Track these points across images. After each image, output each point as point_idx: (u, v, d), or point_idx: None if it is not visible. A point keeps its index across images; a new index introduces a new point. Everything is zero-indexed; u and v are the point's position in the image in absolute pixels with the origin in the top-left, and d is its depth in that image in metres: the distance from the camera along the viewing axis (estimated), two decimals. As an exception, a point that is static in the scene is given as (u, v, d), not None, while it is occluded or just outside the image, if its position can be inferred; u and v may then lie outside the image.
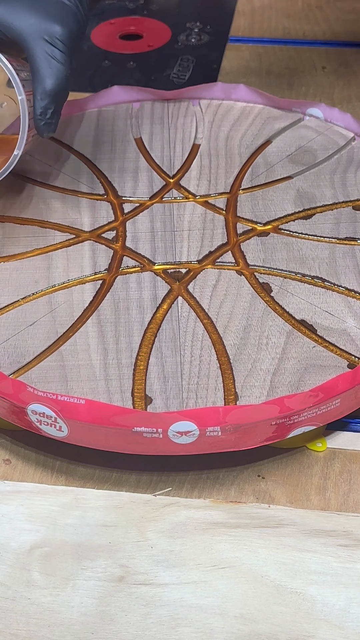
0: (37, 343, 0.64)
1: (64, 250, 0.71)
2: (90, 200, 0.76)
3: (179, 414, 0.56)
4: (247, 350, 0.63)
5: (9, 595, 0.53)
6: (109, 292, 0.68)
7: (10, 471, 0.60)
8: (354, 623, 0.52)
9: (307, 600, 0.53)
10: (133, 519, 0.57)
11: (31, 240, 0.72)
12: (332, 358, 0.63)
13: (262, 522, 0.56)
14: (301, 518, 0.57)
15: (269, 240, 0.72)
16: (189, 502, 0.58)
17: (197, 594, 0.53)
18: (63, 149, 0.80)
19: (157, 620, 0.52)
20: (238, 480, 0.59)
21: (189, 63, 0.95)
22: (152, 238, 0.72)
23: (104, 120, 0.83)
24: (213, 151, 0.80)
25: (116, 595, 0.53)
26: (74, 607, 0.53)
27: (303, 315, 0.66)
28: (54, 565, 0.54)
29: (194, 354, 0.63)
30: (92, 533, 0.56)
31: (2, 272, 0.70)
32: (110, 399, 0.61)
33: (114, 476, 0.60)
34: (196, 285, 0.68)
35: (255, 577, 0.54)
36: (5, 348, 0.64)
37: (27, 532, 0.56)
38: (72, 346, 0.64)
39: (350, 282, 0.68)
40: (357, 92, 0.91)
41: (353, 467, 0.60)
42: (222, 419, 0.56)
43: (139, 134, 0.82)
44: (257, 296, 0.67)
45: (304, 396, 0.57)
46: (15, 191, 0.76)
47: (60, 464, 0.60)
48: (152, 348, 0.64)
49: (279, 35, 1.00)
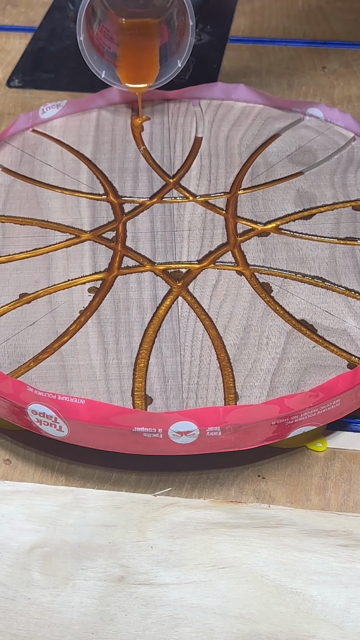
0: (37, 343, 0.64)
1: (64, 250, 0.71)
2: (90, 200, 0.76)
3: (179, 414, 0.56)
4: (247, 350, 0.63)
5: (9, 595, 0.53)
6: (109, 292, 0.68)
7: (10, 471, 0.60)
8: (354, 623, 0.52)
9: (307, 600, 0.53)
10: (133, 519, 0.57)
11: (31, 240, 0.72)
12: (332, 358, 0.63)
13: (262, 522, 0.56)
14: (301, 518, 0.57)
15: (269, 240, 0.72)
16: (189, 502, 0.58)
17: (197, 594, 0.53)
18: (63, 149, 0.80)
19: (157, 620, 0.52)
20: (238, 480, 0.59)
21: (189, 63, 0.95)
22: (152, 238, 0.72)
23: (104, 120, 0.83)
24: (213, 151, 0.80)
25: (116, 595, 0.53)
26: (74, 607, 0.53)
27: (303, 315, 0.66)
28: (54, 565, 0.54)
29: (194, 354, 0.63)
30: (92, 533, 0.56)
31: (2, 272, 0.70)
32: (110, 399, 0.61)
33: (114, 476, 0.60)
34: (196, 285, 0.68)
35: (256, 577, 0.54)
36: (5, 348, 0.64)
37: (27, 532, 0.56)
38: (72, 346, 0.64)
39: (350, 282, 0.68)
40: (357, 92, 0.91)
41: (353, 467, 0.60)
42: (222, 419, 0.56)
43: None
44: (257, 296, 0.67)
45: (304, 396, 0.57)
46: (15, 191, 0.76)
47: (60, 464, 0.60)
48: (152, 348, 0.64)
49: (279, 35, 1.00)
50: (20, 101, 0.90)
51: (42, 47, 0.97)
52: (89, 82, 0.93)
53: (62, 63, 0.95)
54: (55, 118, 0.83)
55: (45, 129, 0.82)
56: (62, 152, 0.80)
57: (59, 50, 0.97)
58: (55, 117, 0.83)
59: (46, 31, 1.00)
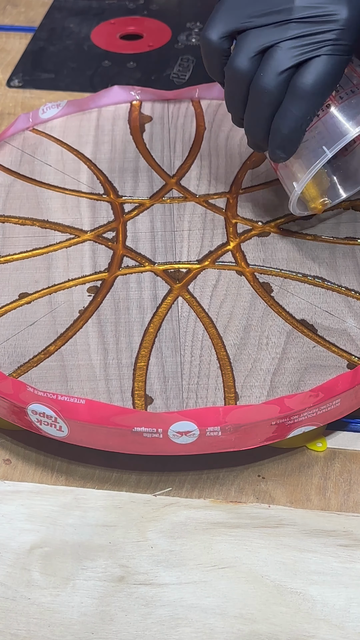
0: (37, 343, 0.64)
1: (64, 250, 0.71)
2: (90, 200, 0.76)
3: (179, 414, 0.56)
4: (247, 350, 0.63)
5: (9, 595, 0.53)
6: (109, 292, 0.68)
7: (10, 471, 0.60)
8: (354, 623, 0.52)
9: (307, 600, 0.53)
10: (133, 519, 0.57)
11: (31, 240, 0.72)
12: (332, 358, 0.63)
13: (262, 522, 0.56)
14: (301, 518, 0.57)
15: (269, 240, 0.72)
16: (189, 502, 0.58)
17: (197, 594, 0.53)
18: (63, 149, 0.80)
19: (157, 620, 0.52)
20: (238, 480, 0.59)
21: (189, 63, 0.95)
22: (152, 238, 0.72)
23: (104, 120, 0.83)
24: (213, 151, 0.80)
25: (116, 595, 0.53)
26: (74, 607, 0.53)
27: (303, 315, 0.66)
28: (54, 565, 0.54)
29: (194, 353, 0.63)
30: (92, 533, 0.56)
31: (2, 272, 0.70)
32: (110, 399, 0.61)
33: (114, 476, 0.60)
34: (196, 285, 0.68)
35: (256, 577, 0.54)
36: (5, 348, 0.64)
37: (27, 532, 0.56)
38: (72, 346, 0.64)
39: (350, 282, 0.68)
40: (357, 92, 0.91)
41: (353, 467, 0.60)
42: (222, 419, 0.56)
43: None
44: (257, 296, 0.67)
45: (304, 396, 0.57)
46: (15, 191, 0.76)
47: (60, 464, 0.60)
48: (152, 348, 0.64)
49: (279, 35, 1.00)
50: (20, 101, 0.90)
51: (42, 47, 0.97)
52: (89, 82, 0.93)
53: (62, 63, 0.95)
54: (55, 118, 0.83)
55: (45, 128, 0.82)
56: (62, 152, 0.80)
57: (59, 50, 0.97)
58: (55, 117, 0.83)
59: (46, 31, 1.00)
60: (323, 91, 0.61)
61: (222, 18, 0.62)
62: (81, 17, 1.02)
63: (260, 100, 0.62)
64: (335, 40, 0.60)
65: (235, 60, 0.62)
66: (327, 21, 0.60)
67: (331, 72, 0.61)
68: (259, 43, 0.61)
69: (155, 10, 1.04)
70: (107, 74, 0.94)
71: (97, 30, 1.01)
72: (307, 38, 0.60)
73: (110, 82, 0.91)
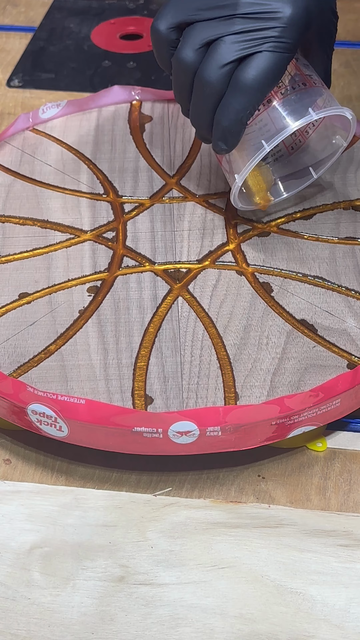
0: (37, 343, 0.64)
1: (64, 250, 0.71)
2: (90, 200, 0.76)
3: (179, 414, 0.56)
4: (247, 350, 0.63)
5: (9, 595, 0.53)
6: (109, 292, 0.68)
7: (10, 471, 0.60)
8: (354, 623, 0.52)
9: (307, 600, 0.53)
10: (133, 519, 0.57)
11: (31, 240, 0.72)
12: (332, 358, 0.63)
13: (262, 522, 0.56)
14: (301, 518, 0.57)
15: (269, 240, 0.72)
16: (189, 502, 0.58)
17: (197, 594, 0.53)
18: (63, 149, 0.80)
19: (157, 620, 0.52)
20: (238, 480, 0.59)
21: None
22: (152, 238, 0.72)
23: (104, 120, 0.83)
24: (213, 151, 0.80)
25: (116, 595, 0.53)
26: (74, 607, 0.53)
27: (303, 315, 0.66)
28: (54, 565, 0.54)
29: (194, 353, 0.63)
30: (92, 533, 0.56)
31: (2, 272, 0.70)
32: (110, 399, 0.61)
33: (114, 476, 0.60)
34: (196, 285, 0.68)
35: (256, 577, 0.54)
36: (5, 348, 0.64)
37: (27, 532, 0.56)
38: (72, 346, 0.64)
39: (350, 282, 0.68)
40: (357, 92, 0.91)
41: (353, 467, 0.60)
42: (222, 419, 0.56)
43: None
44: (257, 296, 0.67)
45: (304, 396, 0.57)
46: (15, 191, 0.76)
47: (60, 464, 0.60)
48: (152, 348, 0.64)
49: (279, 35, 1.00)
50: (20, 101, 0.90)
51: (42, 47, 0.97)
52: (89, 82, 0.93)
53: (62, 63, 0.95)
54: (55, 118, 0.83)
55: (45, 128, 0.82)
56: (62, 152, 0.80)
57: (59, 50, 0.97)
58: (55, 117, 0.83)
59: (46, 31, 1.00)
60: (263, 86, 0.62)
61: (171, 10, 0.63)
62: (81, 17, 1.02)
63: (203, 91, 0.63)
64: (277, 37, 0.61)
65: (181, 52, 0.63)
66: (270, 18, 0.61)
67: (272, 68, 0.62)
68: (204, 36, 0.62)
69: (155, 10, 1.04)
70: (107, 74, 0.94)
71: (97, 30, 1.01)
72: (251, 34, 0.61)
73: (110, 82, 0.91)
